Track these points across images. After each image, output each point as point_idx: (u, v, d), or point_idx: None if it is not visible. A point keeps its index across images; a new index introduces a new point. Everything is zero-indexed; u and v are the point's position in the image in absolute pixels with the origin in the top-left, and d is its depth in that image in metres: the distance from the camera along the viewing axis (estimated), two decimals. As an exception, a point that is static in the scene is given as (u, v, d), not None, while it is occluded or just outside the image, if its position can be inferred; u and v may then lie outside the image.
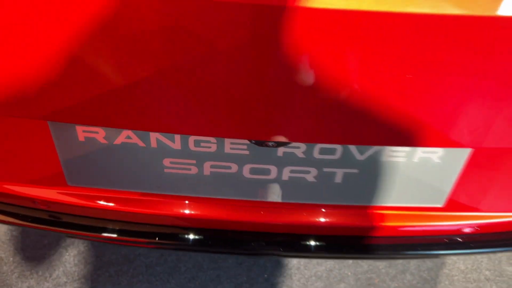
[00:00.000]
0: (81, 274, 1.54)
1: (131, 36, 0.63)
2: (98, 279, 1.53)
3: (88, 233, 0.99)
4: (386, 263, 1.63)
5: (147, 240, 0.98)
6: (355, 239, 0.97)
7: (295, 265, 1.60)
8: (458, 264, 1.65)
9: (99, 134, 0.82)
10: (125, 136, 0.82)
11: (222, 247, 0.99)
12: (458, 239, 0.96)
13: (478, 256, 1.67)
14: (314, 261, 1.62)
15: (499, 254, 1.65)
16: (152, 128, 0.76)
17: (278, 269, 1.58)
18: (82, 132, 0.82)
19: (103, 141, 0.83)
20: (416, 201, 0.91)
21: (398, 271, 1.60)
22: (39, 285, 1.50)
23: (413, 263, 1.63)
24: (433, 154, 0.82)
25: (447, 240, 0.95)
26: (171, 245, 1.03)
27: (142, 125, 0.75)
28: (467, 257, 1.68)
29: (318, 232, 0.96)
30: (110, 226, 0.98)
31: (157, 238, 0.98)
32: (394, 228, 0.93)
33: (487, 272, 1.62)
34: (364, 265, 1.61)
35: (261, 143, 0.79)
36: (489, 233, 0.98)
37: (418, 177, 0.86)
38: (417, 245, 0.97)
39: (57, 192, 0.95)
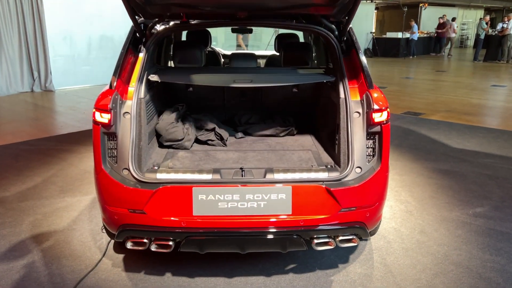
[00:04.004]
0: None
1: None
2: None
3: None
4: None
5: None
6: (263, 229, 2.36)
7: None
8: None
9: (204, 197, 2.29)
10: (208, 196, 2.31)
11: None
12: (300, 227, 2.34)
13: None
14: None
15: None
16: None
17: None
18: (201, 196, 2.30)
19: (209, 198, 2.29)
20: (283, 212, 2.33)
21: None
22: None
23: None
24: (282, 195, 2.31)
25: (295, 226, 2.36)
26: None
27: None
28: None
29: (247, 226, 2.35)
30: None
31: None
32: (281, 221, 2.36)
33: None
34: None
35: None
36: (313, 224, 2.33)
37: (280, 204, 2.32)
38: (285, 230, 2.38)
39: (188, 218, 2.31)
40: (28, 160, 5.03)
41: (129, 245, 2.41)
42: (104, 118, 2.34)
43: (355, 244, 2.47)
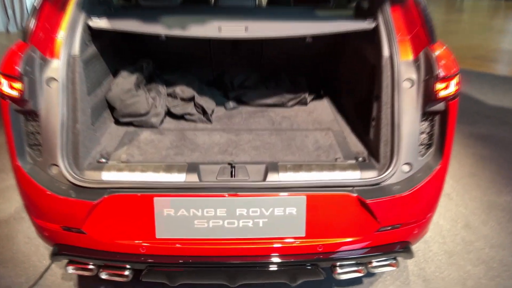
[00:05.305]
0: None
1: None
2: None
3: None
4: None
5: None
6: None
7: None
8: None
9: (171, 212, 1.51)
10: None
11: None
12: (317, 255, 1.60)
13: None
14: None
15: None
16: None
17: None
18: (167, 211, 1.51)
19: (180, 213, 1.51)
20: (292, 234, 1.59)
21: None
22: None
23: None
24: (292, 208, 1.53)
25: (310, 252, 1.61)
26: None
27: None
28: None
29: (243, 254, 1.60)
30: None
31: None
32: (289, 248, 1.62)
33: None
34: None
35: None
36: (336, 250, 1.61)
37: (288, 222, 1.55)
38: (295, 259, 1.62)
39: (149, 242, 1.56)
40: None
41: (70, 269, 1.67)
42: (14, 89, 1.50)
43: (394, 268, 1.73)
